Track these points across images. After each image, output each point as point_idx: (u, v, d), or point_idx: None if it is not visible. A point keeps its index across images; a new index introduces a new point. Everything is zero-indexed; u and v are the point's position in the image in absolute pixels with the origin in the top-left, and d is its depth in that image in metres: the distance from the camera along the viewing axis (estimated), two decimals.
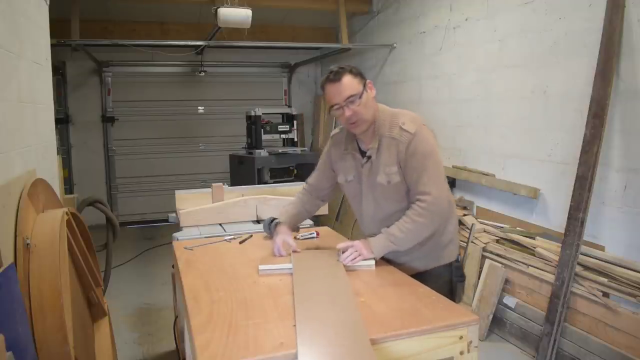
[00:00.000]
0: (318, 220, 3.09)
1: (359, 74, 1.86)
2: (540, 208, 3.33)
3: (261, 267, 1.84)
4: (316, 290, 1.63)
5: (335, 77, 1.83)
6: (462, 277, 2.02)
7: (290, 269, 1.82)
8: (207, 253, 2.15)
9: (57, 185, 2.65)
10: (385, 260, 1.91)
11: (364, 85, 1.86)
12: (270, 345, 1.27)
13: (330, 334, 1.34)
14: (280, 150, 5.20)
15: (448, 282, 1.96)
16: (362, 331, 1.36)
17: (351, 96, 1.82)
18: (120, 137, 6.70)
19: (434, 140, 1.87)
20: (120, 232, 3.78)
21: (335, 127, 2.86)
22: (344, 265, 1.82)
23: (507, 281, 3.23)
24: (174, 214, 2.83)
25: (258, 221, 2.74)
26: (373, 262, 1.85)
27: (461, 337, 1.41)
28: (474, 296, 3.36)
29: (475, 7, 3.90)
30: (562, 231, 2.87)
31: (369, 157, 1.90)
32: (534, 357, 2.93)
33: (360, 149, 1.98)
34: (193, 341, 1.33)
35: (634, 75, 2.63)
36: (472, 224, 3.65)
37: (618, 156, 2.73)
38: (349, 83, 1.82)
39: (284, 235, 2.06)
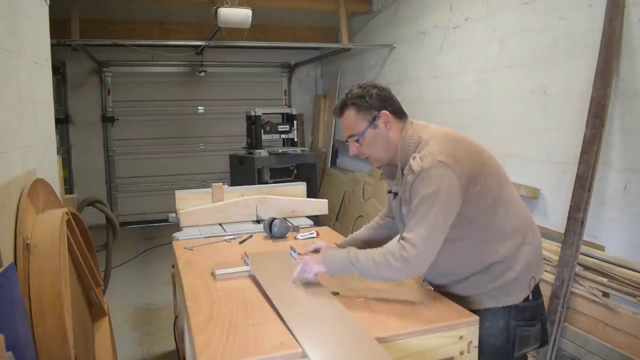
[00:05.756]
0: (318, 220, 3.08)
1: (366, 106, 1.58)
2: (540, 208, 3.32)
3: (218, 271, 1.81)
4: (287, 288, 1.64)
5: (336, 110, 1.65)
6: (528, 321, 1.56)
7: (248, 271, 1.83)
8: (207, 253, 2.15)
9: (57, 185, 2.65)
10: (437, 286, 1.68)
11: (373, 120, 1.58)
12: (270, 345, 1.27)
13: (325, 328, 1.36)
14: (280, 150, 5.19)
15: (504, 329, 1.54)
16: (350, 318, 1.40)
17: (351, 136, 1.63)
18: (120, 137, 6.70)
19: (444, 178, 1.43)
20: (120, 232, 3.78)
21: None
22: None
23: None
24: (174, 214, 2.83)
25: (258, 221, 2.74)
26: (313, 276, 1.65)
27: (461, 337, 1.41)
28: None
29: (475, 7, 3.89)
30: (562, 231, 2.87)
31: (396, 194, 1.63)
32: (534, 357, 2.93)
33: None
34: (193, 341, 1.33)
35: (634, 75, 2.63)
36: None
37: (618, 156, 2.73)
38: (349, 120, 1.61)
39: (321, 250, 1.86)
